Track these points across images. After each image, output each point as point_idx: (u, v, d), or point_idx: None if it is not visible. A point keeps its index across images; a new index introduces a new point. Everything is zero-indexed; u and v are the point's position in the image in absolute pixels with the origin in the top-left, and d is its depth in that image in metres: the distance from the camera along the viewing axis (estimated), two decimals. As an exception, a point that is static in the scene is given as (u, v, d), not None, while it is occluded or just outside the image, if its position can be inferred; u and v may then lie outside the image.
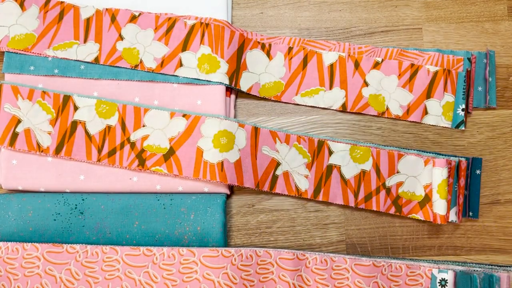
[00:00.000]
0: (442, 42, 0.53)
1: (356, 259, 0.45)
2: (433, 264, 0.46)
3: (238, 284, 0.44)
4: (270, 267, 0.45)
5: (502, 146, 0.51)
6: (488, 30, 0.53)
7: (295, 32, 0.53)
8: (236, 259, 0.45)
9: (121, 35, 0.49)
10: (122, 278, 0.44)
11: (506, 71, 0.53)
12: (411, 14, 0.54)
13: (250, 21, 0.53)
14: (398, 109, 0.50)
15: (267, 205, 0.49)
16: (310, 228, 0.49)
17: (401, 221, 0.49)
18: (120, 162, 0.47)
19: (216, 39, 0.49)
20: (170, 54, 0.49)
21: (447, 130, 0.51)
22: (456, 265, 0.46)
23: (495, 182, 0.50)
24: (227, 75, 0.48)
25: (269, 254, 0.45)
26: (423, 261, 0.47)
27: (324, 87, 0.51)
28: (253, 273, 0.45)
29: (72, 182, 0.47)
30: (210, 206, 0.47)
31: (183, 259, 0.45)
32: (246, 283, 0.45)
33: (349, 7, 0.54)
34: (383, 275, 0.45)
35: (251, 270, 0.45)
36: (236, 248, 0.45)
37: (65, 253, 0.44)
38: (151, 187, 0.47)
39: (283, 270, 0.45)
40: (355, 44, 0.52)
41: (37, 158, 0.47)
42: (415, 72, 0.50)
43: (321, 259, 0.45)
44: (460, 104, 0.50)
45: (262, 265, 0.45)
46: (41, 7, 0.49)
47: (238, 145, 0.47)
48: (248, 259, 0.45)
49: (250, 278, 0.45)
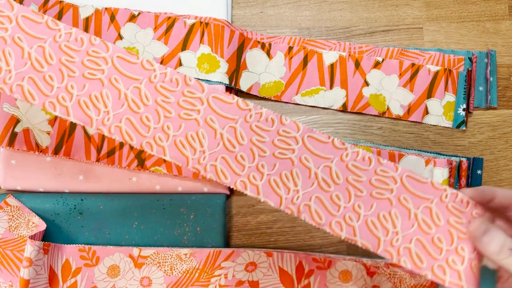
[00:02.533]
0: (443, 42, 0.53)
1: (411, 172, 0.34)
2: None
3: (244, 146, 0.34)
4: (293, 143, 0.34)
5: (503, 146, 0.51)
6: (489, 29, 0.53)
7: (295, 32, 0.53)
8: (252, 116, 0.34)
9: (120, 35, 0.49)
10: (105, 83, 0.34)
11: (507, 70, 0.52)
12: (412, 13, 0.53)
13: (250, 21, 0.53)
14: (398, 109, 0.50)
15: (267, 205, 0.49)
16: (310, 228, 0.49)
17: (402, 221, 0.49)
18: (119, 162, 0.46)
19: (216, 39, 0.49)
20: (170, 53, 0.49)
21: (448, 130, 0.51)
22: None
23: (496, 182, 0.50)
24: (227, 74, 0.48)
25: (297, 127, 0.34)
26: None
27: (325, 87, 0.50)
28: (268, 141, 0.34)
29: (71, 182, 0.47)
30: (210, 206, 0.47)
31: (187, 90, 0.34)
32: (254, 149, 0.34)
33: (349, 6, 0.53)
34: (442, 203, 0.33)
35: (266, 138, 0.34)
36: (257, 105, 0.34)
37: (44, 26, 0.34)
38: (151, 187, 0.47)
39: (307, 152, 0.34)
40: (355, 44, 0.51)
41: (36, 158, 0.47)
42: (415, 72, 0.50)
43: (364, 156, 0.34)
44: (461, 104, 0.50)
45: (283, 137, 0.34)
46: (40, 6, 0.49)
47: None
48: (268, 122, 0.34)
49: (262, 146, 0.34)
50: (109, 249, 0.45)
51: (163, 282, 0.45)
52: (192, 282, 0.45)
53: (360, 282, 0.45)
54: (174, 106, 0.34)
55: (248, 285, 0.45)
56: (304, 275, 0.45)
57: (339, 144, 0.34)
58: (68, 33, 0.34)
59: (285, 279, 0.45)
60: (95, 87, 0.33)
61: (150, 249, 0.45)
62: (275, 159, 0.33)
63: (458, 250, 0.32)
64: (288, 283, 0.45)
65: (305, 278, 0.45)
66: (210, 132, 0.34)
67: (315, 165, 0.33)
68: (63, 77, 0.34)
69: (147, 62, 0.34)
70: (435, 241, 0.32)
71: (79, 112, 0.33)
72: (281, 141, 0.34)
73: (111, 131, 0.33)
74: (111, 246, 0.45)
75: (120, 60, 0.34)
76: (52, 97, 0.33)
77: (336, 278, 0.45)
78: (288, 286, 0.45)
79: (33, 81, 0.33)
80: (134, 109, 0.33)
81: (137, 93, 0.34)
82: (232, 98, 0.34)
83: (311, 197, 0.33)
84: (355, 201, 0.33)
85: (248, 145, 0.34)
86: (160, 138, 0.33)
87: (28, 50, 0.34)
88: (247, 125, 0.34)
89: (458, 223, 0.33)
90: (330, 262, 0.45)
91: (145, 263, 0.45)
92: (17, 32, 0.34)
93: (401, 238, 0.32)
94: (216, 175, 0.33)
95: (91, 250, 0.45)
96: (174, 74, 0.34)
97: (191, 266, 0.45)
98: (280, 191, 0.33)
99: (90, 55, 0.34)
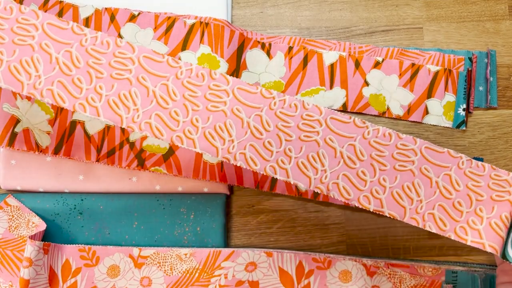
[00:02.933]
0: (443, 42, 0.53)
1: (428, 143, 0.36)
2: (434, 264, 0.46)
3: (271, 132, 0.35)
4: (317, 126, 0.36)
5: (503, 146, 0.51)
6: (489, 29, 0.53)
7: (295, 32, 0.53)
8: (276, 103, 0.35)
9: (120, 34, 0.49)
10: (133, 82, 0.35)
11: (507, 70, 0.52)
12: (412, 13, 0.53)
13: (250, 21, 0.53)
14: (398, 109, 0.50)
15: (267, 205, 0.49)
16: (310, 228, 0.49)
17: (402, 221, 0.49)
18: (119, 162, 0.46)
19: (216, 39, 0.49)
20: (170, 53, 0.49)
21: (448, 130, 0.51)
22: (456, 265, 0.46)
23: (496, 182, 0.50)
24: (227, 74, 0.48)
25: (320, 110, 0.36)
26: (424, 262, 0.47)
27: (325, 87, 0.50)
28: (293, 126, 0.35)
29: (71, 182, 0.47)
30: (210, 206, 0.47)
31: (213, 84, 0.36)
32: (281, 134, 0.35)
33: (349, 6, 0.53)
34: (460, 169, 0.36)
35: (291, 122, 0.35)
36: (280, 93, 0.36)
37: (70, 32, 0.35)
38: (151, 187, 0.47)
39: (331, 133, 0.36)
40: (355, 44, 0.51)
41: (36, 158, 0.47)
42: (415, 72, 0.50)
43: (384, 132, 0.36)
44: (461, 104, 0.50)
45: (307, 121, 0.36)
46: (40, 6, 0.49)
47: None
48: (291, 108, 0.36)
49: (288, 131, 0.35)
50: (109, 249, 0.45)
51: (163, 282, 0.45)
52: (192, 282, 0.45)
53: (360, 282, 0.45)
54: (201, 99, 0.35)
55: (248, 285, 0.45)
56: (304, 275, 0.45)
57: (360, 123, 0.36)
58: (94, 37, 0.35)
59: (285, 279, 0.45)
60: (123, 87, 0.35)
61: (150, 249, 0.45)
62: (301, 142, 0.35)
63: (477, 212, 0.35)
64: (288, 283, 0.45)
65: (305, 278, 0.45)
66: (237, 122, 0.35)
67: (339, 145, 0.35)
68: (91, 79, 0.35)
69: (173, 60, 0.35)
70: (456, 205, 0.35)
71: (109, 112, 0.34)
72: (305, 124, 0.35)
73: (142, 128, 0.34)
74: (111, 246, 0.45)
75: (146, 60, 0.35)
76: (81, 99, 0.34)
77: (336, 278, 0.45)
78: (288, 286, 0.45)
79: (62, 84, 0.34)
80: (163, 105, 0.34)
81: (165, 90, 0.35)
82: (256, 88, 0.36)
83: (338, 175, 0.35)
84: (380, 175, 0.35)
85: (274, 131, 0.35)
86: (190, 131, 0.34)
87: (55, 56, 0.35)
88: (272, 112, 0.35)
89: (476, 186, 0.36)
90: (330, 262, 0.45)
91: (145, 263, 0.45)
92: (44, 39, 0.35)
93: (425, 205, 0.35)
94: (246, 163, 0.34)
95: (91, 250, 0.45)
96: (200, 69, 0.36)
97: (191, 266, 0.45)
98: (308, 172, 0.35)
99: (117, 56, 0.35)
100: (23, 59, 0.34)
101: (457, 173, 0.36)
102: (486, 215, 0.35)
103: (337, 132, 0.36)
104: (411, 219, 0.35)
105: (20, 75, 0.34)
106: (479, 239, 0.34)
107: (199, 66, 0.36)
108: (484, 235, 0.34)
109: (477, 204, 0.36)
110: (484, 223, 0.35)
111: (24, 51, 0.34)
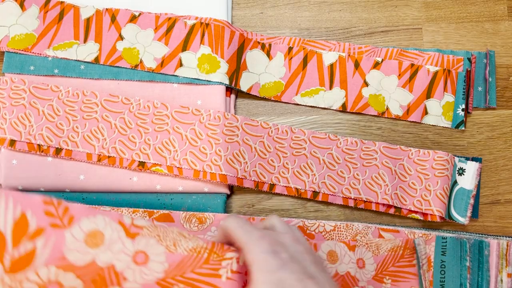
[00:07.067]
0: (442, 42, 0.53)
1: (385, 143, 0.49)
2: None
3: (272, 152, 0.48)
4: (303, 143, 0.49)
5: (502, 146, 0.51)
6: (488, 30, 0.53)
7: (295, 32, 0.53)
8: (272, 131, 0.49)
9: (121, 35, 0.49)
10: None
11: (506, 71, 0.53)
12: (411, 14, 0.54)
13: (250, 21, 0.53)
14: (398, 109, 0.50)
15: (267, 205, 0.49)
16: (310, 228, 0.49)
17: (401, 221, 0.49)
18: (120, 162, 0.47)
19: (216, 39, 0.49)
20: (170, 54, 0.49)
21: (447, 130, 0.51)
22: (446, 232, 0.47)
23: (495, 182, 0.50)
24: (227, 75, 0.48)
25: (303, 132, 0.49)
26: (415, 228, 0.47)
27: (324, 87, 0.51)
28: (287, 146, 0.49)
29: (72, 182, 0.47)
30: (210, 206, 0.47)
31: (227, 122, 0.47)
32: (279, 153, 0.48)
33: (349, 7, 0.54)
34: (410, 159, 0.49)
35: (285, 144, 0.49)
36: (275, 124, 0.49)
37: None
38: (151, 187, 0.47)
39: (314, 147, 0.49)
40: (355, 44, 0.52)
41: (37, 158, 0.47)
42: (415, 72, 0.51)
43: (352, 141, 0.49)
44: (460, 104, 0.50)
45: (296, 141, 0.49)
46: (41, 7, 0.49)
47: (238, 145, 0.47)
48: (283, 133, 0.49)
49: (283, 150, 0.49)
50: (90, 209, 0.31)
51: (164, 261, 0.32)
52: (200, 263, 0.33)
53: (346, 259, 0.45)
54: (220, 135, 0.47)
55: None
56: None
57: (333, 137, 0.49)
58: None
59: None
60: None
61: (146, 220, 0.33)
62: (294, 156, 0.48)
63: (426, 187, 0.48)
64: None
65: None
66: (248, 148, 0.48)
67: (321, 154, 0.49)
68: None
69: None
70: (411, 185, 0.48)
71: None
72: (295, 143, 0.49)
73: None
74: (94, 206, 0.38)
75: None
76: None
77: (326, 261, 0.45)
78: None
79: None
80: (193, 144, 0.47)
81: (193, 133, 0.47)
82: (257, 122, 0.48)
83: (324, 176, 0.48)
84: (354, 172, 0.49)
85: (274, 151, 0.48)
86: (216, 160, 0.46)
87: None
88: (270, 138, 0.48)
89: (423, 169, 0.48)
90: (315, 245, 0.45)
91: (140, 233, 0.32)
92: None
93: (390, 188, 0.48)
94: (257, 177, 0.47)
95: (61, 204, 0.30)
96: (216, 113, 0.47)
97: (198, 244, 0.34)
98: (302, 177, 0.48)
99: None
100: (92, 129, 0.47)
101: (408, 162, 0.49)
102: (432, 188, 0.47)
103: (318, 146, 0.49)
104: (383, 199, 0.48)
105: (92, 140, 0.47)
106: (429, 206, 0.47)
107: (216, 111, 0.47)
108: (433, 203, 0.47)
109: (426, 182, 0.48)
110: (432, 194, 0.47)
111: (92, 123, 0.47)
